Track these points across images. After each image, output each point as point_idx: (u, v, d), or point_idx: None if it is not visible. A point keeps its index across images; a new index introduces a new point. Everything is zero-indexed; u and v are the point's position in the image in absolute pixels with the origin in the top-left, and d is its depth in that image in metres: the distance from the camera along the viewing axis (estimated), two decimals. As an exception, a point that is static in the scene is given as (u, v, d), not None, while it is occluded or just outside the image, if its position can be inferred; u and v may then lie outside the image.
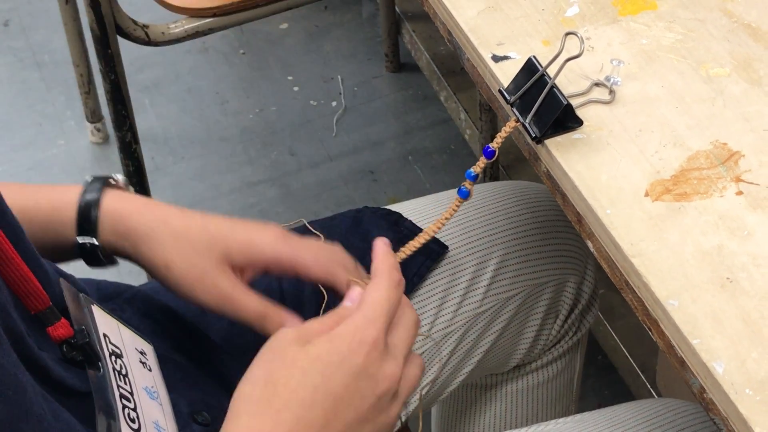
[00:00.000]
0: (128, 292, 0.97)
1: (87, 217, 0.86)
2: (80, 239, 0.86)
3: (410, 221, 1.04)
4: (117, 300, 0.94)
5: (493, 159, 0.83)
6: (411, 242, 0.87)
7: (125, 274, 1.85)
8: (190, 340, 0.96)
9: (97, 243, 0.86)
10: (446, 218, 0.85)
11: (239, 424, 0.71)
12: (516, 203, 1.08)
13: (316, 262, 0.86)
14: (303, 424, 0.71)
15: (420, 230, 1.04)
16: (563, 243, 1.08)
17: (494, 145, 0.82)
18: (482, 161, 0.83)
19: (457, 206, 0.85)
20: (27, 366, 0.73)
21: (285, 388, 0.71)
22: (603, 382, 1.66)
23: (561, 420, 0.94)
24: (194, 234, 0.86)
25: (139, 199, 0.88)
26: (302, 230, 1.00)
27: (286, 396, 0.71)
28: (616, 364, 1.63)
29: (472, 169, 0.83)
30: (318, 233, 0.95)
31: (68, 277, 0.84)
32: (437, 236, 1.04)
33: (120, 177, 0.90)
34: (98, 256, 0.86)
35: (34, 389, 0.71)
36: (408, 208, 1.08)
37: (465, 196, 0.84)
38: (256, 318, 0.85)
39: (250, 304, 0.85)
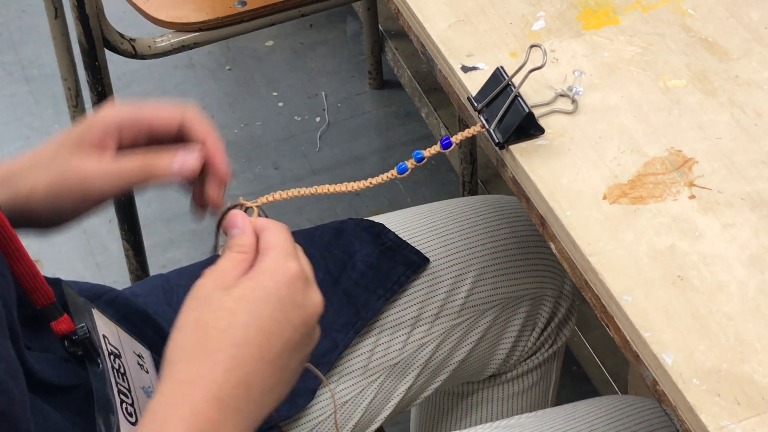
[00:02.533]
0: (108, 294, 1.00)
1: None
2: None
3: (393, 233, 1.07)
4: (97, 302, 0.97)
5: (448, 150, 0.85)
6: (282, 192, 0.85)
7: (110, 284, 1.89)
8: (165, 344, 0.99)
9: None
10: (369, 185, 0.84)
11: (177, 371, 0.71)
12: (495, 218, 1.11)
13: (163, 102, 0.84)
14: (238, 361, 0.71)
15: (402, 242, 1.06)
16: (541, 257, 1.11)
17: (454, 138, 0.85)
18: (435, 148, 0.85)
19: (389, 178, 0.84)
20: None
21: (216, 330, 0.71)
22: (578, 392, 1.69)
23: (524, 415, 0.98)
24: (44, 149, 0.84)
25: (5, 158, 0.85)
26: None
27: (218, 337, 0.71)
28: (589, 374, 1.67)
29: (421, 152, 0.85)
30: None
31: (66, 282, 0.87)
32: (419, 248, 1.06)
33: None
34: None
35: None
36: (391, 220, 1.10)
37: (402, 171, 0.85)
38: (142, 169, 0.82)
39: (128, 162, 0.82)
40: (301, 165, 2.06)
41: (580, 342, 1.67)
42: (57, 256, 1.93)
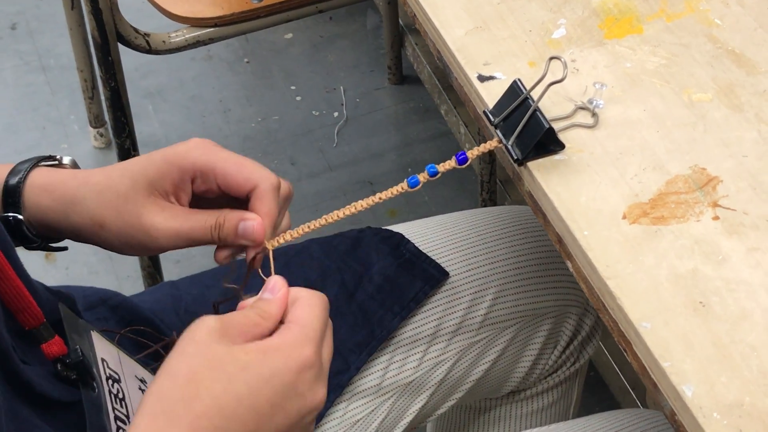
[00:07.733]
0: (114, 299, 0.96)
1: (12, 193, 0.82)
2: (5, 214, 0.82)
3: (412, 244, 1.03)
4: (101, 307, 0.95)
5: (464, 166, 0.82)
6: (314, 221, 0.81)
7: (123, 278, 1.87)
8: (167, 352, 0.96)
9: (20, 217, 0.82)
10: (378, 200, 0.81)
11: (155, 426, 0.66)
12: (518, 230, 1.07)
13: (239, 166, 0.80)
14: None
15: (422, 254, 1.02)
16: (565, 272, 1.07)
17: (470, 154, 0.82)
18: (450, 164, 0.82)
19: (398, 192, 0.81)
20: (9, 380, 0.73)
21: (208, 393, 0.67)
22: (594, 398, 1.66)
23: (535, 429, 0.95)
24: (116, 181, 0.81)
25: (67, 171, 0.83)
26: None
27: (208, 402, 0.66)
28: (606, 380, 1.64)
29: (435, 166, 0.82)
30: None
31: (65, 300, 0.84)
32: (438, 261, 1.02)
33: (67, 159, 0.87)
34: (24, 232, 0.83)
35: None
36: (410, 230, 1.06)
37: (414, 185, 0.81)
38: (208, 236, 0.80)
39: (198, 222, 0.80)
40: (317, 160, 2.04)
41: (598, 347, 1.64)
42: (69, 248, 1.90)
